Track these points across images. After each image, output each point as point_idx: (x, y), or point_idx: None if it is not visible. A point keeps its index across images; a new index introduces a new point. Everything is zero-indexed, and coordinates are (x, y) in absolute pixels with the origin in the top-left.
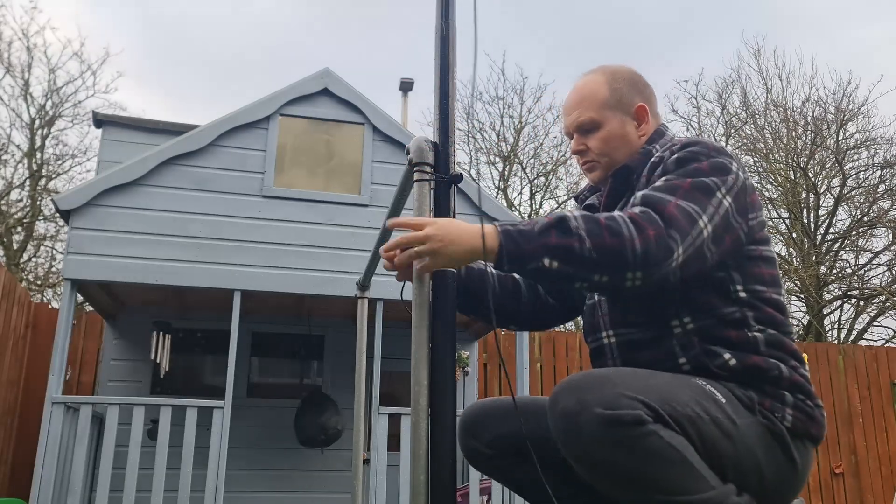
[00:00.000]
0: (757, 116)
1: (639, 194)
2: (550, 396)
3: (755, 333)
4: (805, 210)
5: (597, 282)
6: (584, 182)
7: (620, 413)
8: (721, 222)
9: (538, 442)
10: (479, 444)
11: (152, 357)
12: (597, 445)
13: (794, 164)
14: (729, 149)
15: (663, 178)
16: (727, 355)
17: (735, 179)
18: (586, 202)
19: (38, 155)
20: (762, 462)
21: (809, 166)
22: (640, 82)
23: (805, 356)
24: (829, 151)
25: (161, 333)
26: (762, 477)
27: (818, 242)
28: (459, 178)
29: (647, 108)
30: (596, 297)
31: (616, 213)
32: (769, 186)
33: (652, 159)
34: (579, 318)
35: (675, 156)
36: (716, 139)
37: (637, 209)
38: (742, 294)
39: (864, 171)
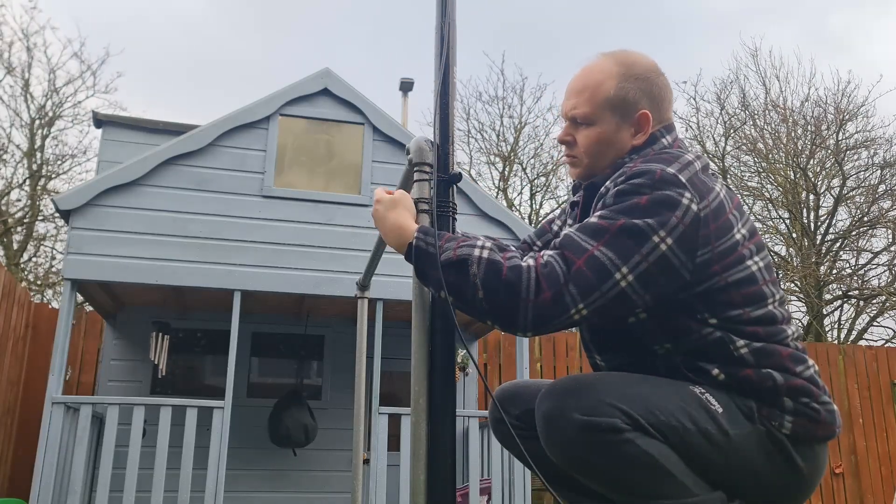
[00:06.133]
0: (756, 117)
1: (563, 233)
2: (537, 399)
3: (741, 351)
4: (805, 210)
5: (489, 325)
6: None
7: (597, 420)
8: (653, 267)
9: None
10: (507, 418)
11: (151, 357)
12: (573, 449)
13: (794, 164)
14: (700, 165)
15: (597, 214)
16: (715, 371)
17: (682, 216)
18: (574, 197)
19: (38, 155)
20: (761, 470)
21: (809, 166)
22: (653, 84)
23: None
24: (829, 151)
25: (161, 333)
26: (761, 484)
27: (818, 242)
28: (459, 177)
29: (651, 117)
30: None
31: (528, 261)
32: (769, 186)
33: (602, 188)
34: None
35: (617, 188)
36: (715, 140)
37: (546, 256)
38: (712, 321)
39: (864, 171)
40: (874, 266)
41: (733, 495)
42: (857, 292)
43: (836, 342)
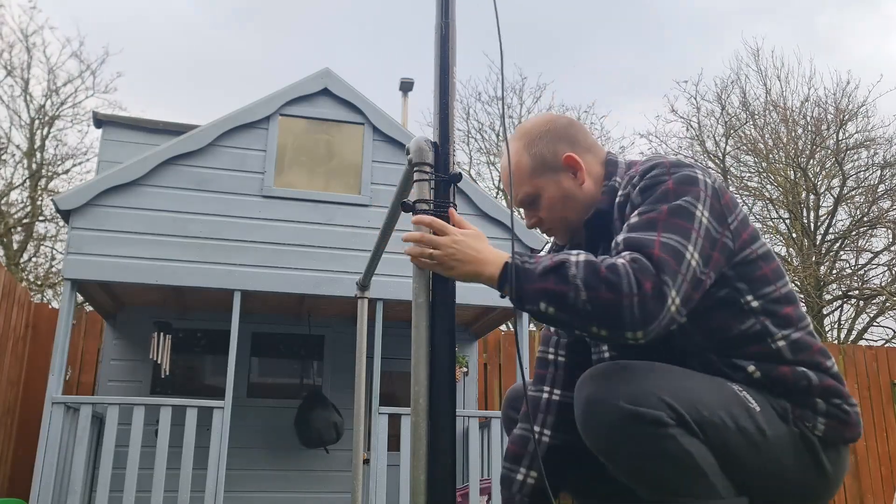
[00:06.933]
0: (756, 117)
1: (620, 238)
2: (579, 381)
3: (778, 343)
4: (805, 210)
5: (595, 333)
6: None
7: (642, 411)
8: (706, 241)
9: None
10: (516, 415)
11: (152, 357)
12: (611, 436)
13: (794, 164)
14: (691, 159)
15: (636, 214)
16: (751, 367)
17: (704, 188)
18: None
19: (38, 155)
20: (790, 472)
21: (809, 166)
22: (557, 130)
23: None
24: (829, 151)
25: (161, 333)
26: (788, 485)
27: (818, 242)
28: (459, 177)
29: (573, 154)
30: (600, 350)
31: (619, 260)
32: (769, 186)
33: (617, 199)
34: None
35: (638, 187)
36: (716, 140)
37: (628, 255)
38: (755, 303)
39: (864, 171)
40: (874, 266)
41: (757, 497)
42: (857, 292)
43: (836, 342)
